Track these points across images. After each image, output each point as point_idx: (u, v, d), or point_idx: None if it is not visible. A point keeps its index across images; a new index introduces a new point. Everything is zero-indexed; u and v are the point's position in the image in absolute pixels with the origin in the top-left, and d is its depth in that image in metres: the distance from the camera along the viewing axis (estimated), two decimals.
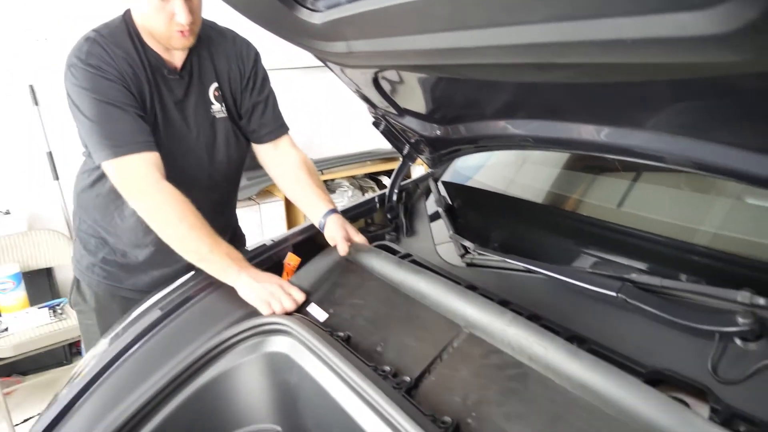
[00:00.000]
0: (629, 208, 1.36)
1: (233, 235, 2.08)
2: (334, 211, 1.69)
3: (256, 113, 1.79)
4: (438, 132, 1.58)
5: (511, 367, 0.97)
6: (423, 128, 1.60)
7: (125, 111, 1.50)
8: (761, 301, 0.92)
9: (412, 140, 1.73)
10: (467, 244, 1.40)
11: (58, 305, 3.15)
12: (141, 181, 1.50)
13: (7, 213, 3.25)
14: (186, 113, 1.67)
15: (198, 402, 1.37)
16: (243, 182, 3.74)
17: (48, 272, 3.43)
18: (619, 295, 1.04)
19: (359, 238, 1.61)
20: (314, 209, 1.72)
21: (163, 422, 1.31)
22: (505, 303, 1.20)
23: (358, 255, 1.49)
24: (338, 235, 1.60)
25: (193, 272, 1.61)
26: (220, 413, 1.41)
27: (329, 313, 1.41)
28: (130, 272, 1.80)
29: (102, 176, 1.62)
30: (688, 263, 1.10)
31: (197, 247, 1.48)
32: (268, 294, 1.44)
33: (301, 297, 1.45)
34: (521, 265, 1.24)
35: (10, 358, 2.77)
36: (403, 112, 1.58)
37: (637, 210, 1.39)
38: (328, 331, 1.32)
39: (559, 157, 1.82)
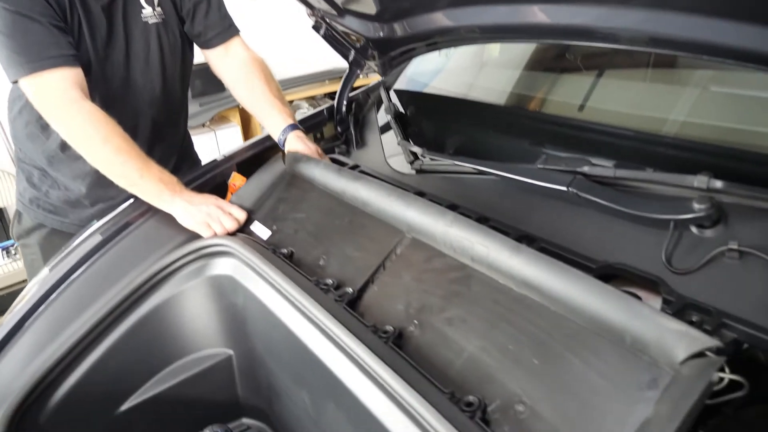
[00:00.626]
0: (589, 104, 1.27)
1: (186, 160, 1.94)
2: (294, 126, 1.56)
3: (199, 13, 1.63)
4: (381, 32, 1.44)
5: (454, 270, 0.91)
6: (365, 29, 1.46)
7: (38, 21, 1.34)
8: (718, 184, 0.86)
9: (357, 45, 1.60)
10: (416, 149, 1.31)
11: (12, 246, 3.02)
12: (58, 100, 1.36)
13: None
14: (114, 19, 1.50)
15: (145, 328, 1.31)
16: (195, 108, 3.58)
17: None
18: (570, 189, 0.96)
19: (323, 157, 1.51)
20: (272, 123, 1.58)
21: (109, 351, 1.26)
22: (453, 207, 1.12)
23: (299, 166, 1.39)
24: None
25: (133, 198, 1.51)
26: (170, 339, 1.35)
27: (272, 230, 1.33)
28: (74, 206, 1.68)
29: (29, 102, 1.47)
30: (646, 153, 1.03)
31: (125, 171, 1.36)
32: (206, 215, 1.35)
33: (241, 215, 1.37)
34: (470, 166, 1.16)
35: None
36: (342, 11, 1.43)
37: (597, 105, 1.31)
38: (270, 249, 1.24)
39: (520, 60, 1.71)
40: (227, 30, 1.68)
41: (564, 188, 0.97)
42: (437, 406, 0.74)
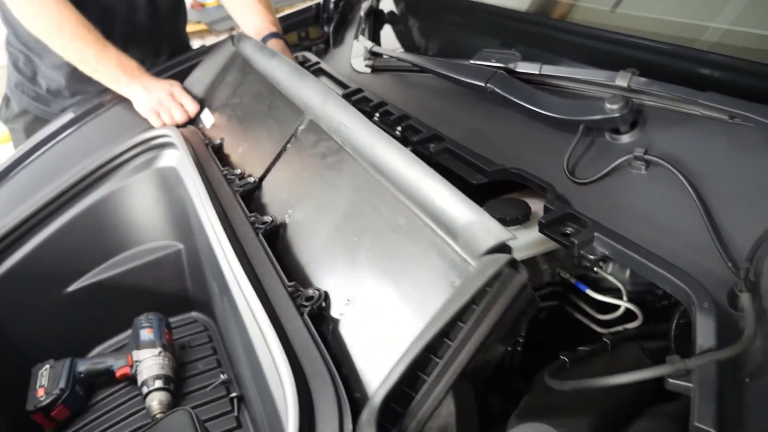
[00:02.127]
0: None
1: None
2: (275, 35, 1.47)
3: None
4: None
5: (333, 153, 0.84)
6: None
7: None
8: (642, 82, 0.72)
9: None
10: (367, 44, 1.20)
11: None
12: None
13: None
14: None
15: (96, 215, 1.32)
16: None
17: None
18: (488, 85, 0.85)
19: None
20: (251, 29, 1.50)
21: (59, 231, 1.29)
22: (381, 105, 1.04)
23: (241, 47, 1.32)
24: None
25: None
26: (122, 227, 1.36)
27: (215, 117, 1.28)
28: (55, 96, 1.69)
29: None
30: (586, 48, 0.88)
31: (83, 56, 1.34)
32: (158, 104, 1.32)
33: (192, 107, 1.33)
34: (408, 61, 1.05)
35: None
36: None
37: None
38: (206, 140, 1.21)
39: None
40: None
41: (482, 84, 0.86)
42: (273, 299, 0.69)
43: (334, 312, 0.68)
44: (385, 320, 0.61)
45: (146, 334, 1.23)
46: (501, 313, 0.50)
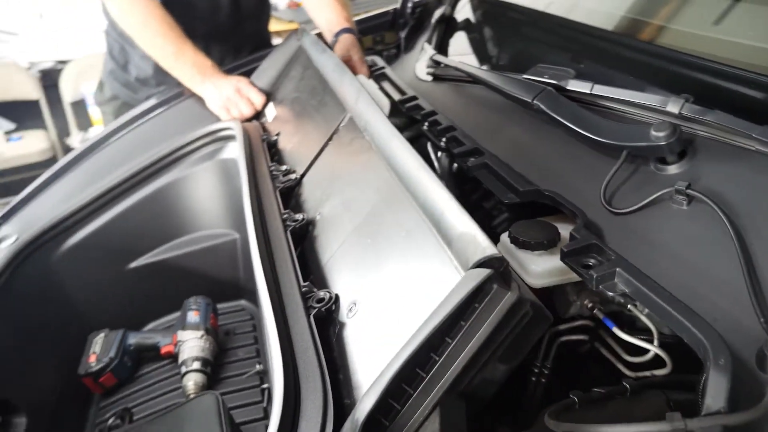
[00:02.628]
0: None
1: None
2: (348, 30, 1.51)
3: None
4: None
5: (364, 152, 0.85)
6: None
7: None
8: (696, 109, 0.67)
9: None
10: (430, 51, 1.19)
11: None
12: None
13: None
14: None
15: (160, 199, 1.39)
16: None
17: None
18: (535, 102, 0.81)
19: (363, 68, 1.43)
20: (327, 23, 1.55)
21: (126, 211, 1.37)
22: (431, 114, 1.02)
23: (303, 43, 1.35)
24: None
25: None
26: (183, 212, 1.42)
27: (277, 110, 1.32)
28: (143, 84, 1.80)
29: None
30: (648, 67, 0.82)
31: (163, 54, 1.43)
32: (226, 100, 1.37)
33: (258, 100, 1.37)
34: (464, 71, 1.03)
35: None
36: None
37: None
38: (264, 137, 1.24)
39: None
40: None
41: (529, 100, 0.82)
42: (286, 298, 0.70)
43: (342, 315, 0.68)
44: (384, 327, 0.60)
45: (192, 317, 1.27)
46: (491, 331, 0.48)
